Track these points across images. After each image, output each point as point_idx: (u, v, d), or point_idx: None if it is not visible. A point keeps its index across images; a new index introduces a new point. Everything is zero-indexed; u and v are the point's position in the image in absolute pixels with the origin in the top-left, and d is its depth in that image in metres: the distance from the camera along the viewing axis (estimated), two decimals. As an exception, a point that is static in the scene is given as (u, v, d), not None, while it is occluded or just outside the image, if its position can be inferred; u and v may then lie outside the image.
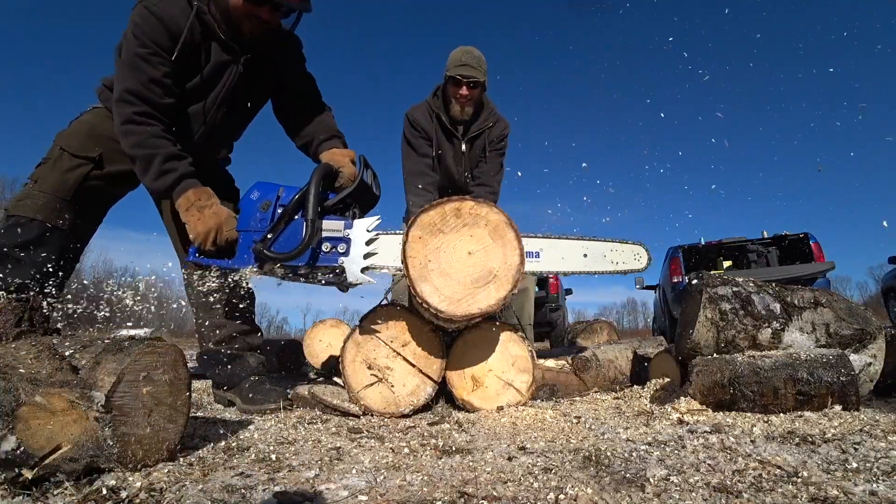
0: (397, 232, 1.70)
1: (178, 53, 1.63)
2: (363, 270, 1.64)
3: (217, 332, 1.97)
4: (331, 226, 1.64)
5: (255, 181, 1.73)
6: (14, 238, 1.70)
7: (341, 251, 1.63)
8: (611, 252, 1.75)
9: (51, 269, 1.76)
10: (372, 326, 1.80)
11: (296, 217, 1.64)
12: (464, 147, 2.79)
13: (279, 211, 1.64)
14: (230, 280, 1.76)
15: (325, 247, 1.64)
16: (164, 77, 1.65)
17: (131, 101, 1.62)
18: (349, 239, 1.64)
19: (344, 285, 1.70)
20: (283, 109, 2.04)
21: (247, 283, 1.89)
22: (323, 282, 1.69)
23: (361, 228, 1.65)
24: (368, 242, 1.65)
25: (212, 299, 1.96)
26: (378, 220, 1.67)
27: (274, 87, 2.00)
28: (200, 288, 1.76)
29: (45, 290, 1.73)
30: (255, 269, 1.65)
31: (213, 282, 1.76)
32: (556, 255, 1.76)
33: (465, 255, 1.63)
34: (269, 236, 1.61)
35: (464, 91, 2.62)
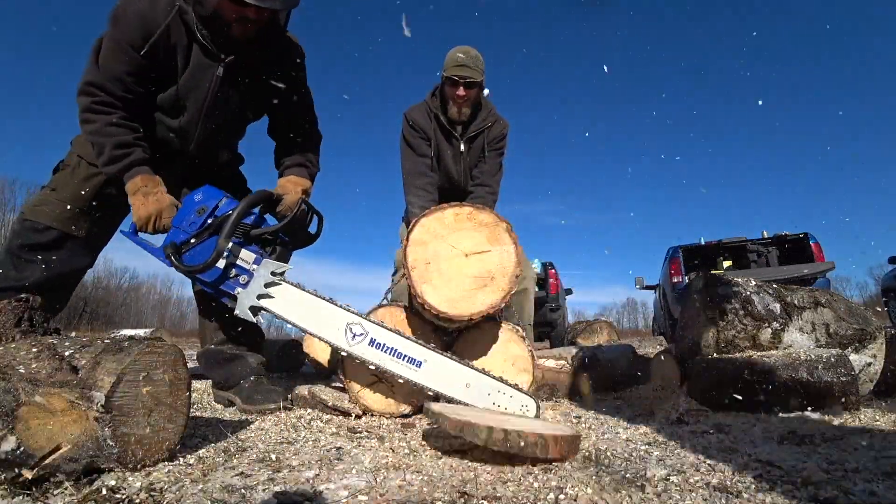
0: (303, 289, 1.65)
1: (147, 51, 1.62)
2: (252, 309, 1.62)
3: (219, 332, 1.97)
4: (245, 255, 1.64)
5: (207, 183, 1.74)
6: (29, 242, 1.72)
7: (242, 282, 1.63)
8: (497, 393, 1.55)
9: (61, 275, 1.76)
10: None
11: (218, 233, 1.63)
12: (462, 147, 2.79)
13: (209, 221, 1.65)
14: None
15: (232, 272, 1.63)
16: (128, 74, 1.65)
17: (91, 91, 1.64)
18: (253, 274, 1.63)
19: (234, 313, 1.69)
20: (276, 131, 2.03)
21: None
22: (224, 301, 1.69)
23: (267, 269, 1.63)
24: (268, 285, 1.62)
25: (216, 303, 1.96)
26: (288, 267, 1.65)
27: (272, 105, 1.93)
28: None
29: (51, 295, 1.72)
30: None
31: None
32: (437, 374, 1.58)
33: (464, 258, 1.68)
34: (191, 241, 1.63)
35: (461, 91, 2.61)
